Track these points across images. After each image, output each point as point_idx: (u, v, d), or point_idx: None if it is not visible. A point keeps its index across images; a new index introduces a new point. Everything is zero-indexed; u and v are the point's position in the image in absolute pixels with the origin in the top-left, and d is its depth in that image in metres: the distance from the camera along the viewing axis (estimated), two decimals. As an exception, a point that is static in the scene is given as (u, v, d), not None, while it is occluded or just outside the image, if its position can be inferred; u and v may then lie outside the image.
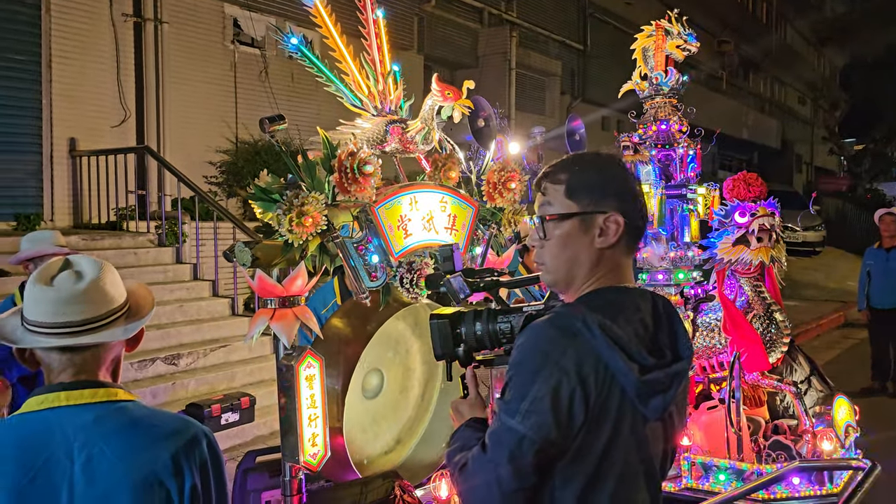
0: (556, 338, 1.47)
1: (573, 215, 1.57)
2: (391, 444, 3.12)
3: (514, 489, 1.45)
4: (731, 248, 4.08)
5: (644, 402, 1.48)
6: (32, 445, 1.47)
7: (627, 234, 1.59)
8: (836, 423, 4.09)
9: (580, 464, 1.47)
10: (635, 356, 1.46)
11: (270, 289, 2.47)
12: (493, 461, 1.46)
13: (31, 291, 1.56)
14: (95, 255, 4.18)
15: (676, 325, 1.58)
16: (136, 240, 7.91)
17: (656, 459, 1.58)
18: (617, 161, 1.68)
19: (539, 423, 1.43)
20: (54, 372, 1.56)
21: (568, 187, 1.59)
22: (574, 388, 1.43)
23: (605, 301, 1.53)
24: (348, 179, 2.54)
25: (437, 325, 1.74)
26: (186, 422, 1.61)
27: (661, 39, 4.51)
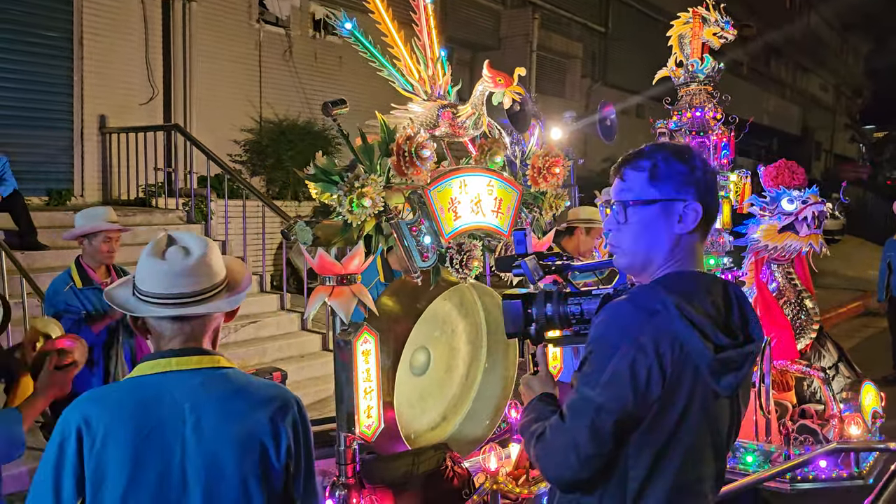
0: (636, 316, 1.56)
1: (656, 201, 1.64)
2: (437, 421, 3.22)
3: (591, 455, 1.55)
4: (776, 235, 4.09)
5: (717, 380, 1.56)
6: (147, 406, 1.60)
7: (704, 220, 1.67)
8: (864, 409, 4.17)
9: (653, 434, 1.56)
10: (710, 336, 1.54)
11: (330, 267, 2.56)
12: (572, 429, 1.56)
13: (145, 265, 1.68)
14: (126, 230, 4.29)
15: (746, 309, 1.66)
16: (167, 217, 8.04)
17: (723, 434, 1.65)
18: (697, 152, 1.75)
19: (617, 395, 1.52)
20: (164, 339, 1.69)
21: (651, 174, 1.66)
22: (651, 364, 1.52)
23: (680, 283, 1.61)
24: (406, 163, 2.61)
25: (509, 304, 1.84)
26: (280, 388, 1.75)
27: (699, 27, 4.53)
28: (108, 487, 1.55)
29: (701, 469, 1.62)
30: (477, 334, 3.41)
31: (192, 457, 1.60)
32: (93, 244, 3.85)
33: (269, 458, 1.65)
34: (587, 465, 1.56)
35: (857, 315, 11.99)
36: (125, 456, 1.56)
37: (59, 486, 1.55)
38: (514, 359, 3.39)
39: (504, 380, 3.38)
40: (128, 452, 1.56)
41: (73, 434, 1.56)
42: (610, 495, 1.60)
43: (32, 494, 1.58)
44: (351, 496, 2.61)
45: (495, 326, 3.42)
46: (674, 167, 1.66)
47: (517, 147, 3.33)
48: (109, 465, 1.55)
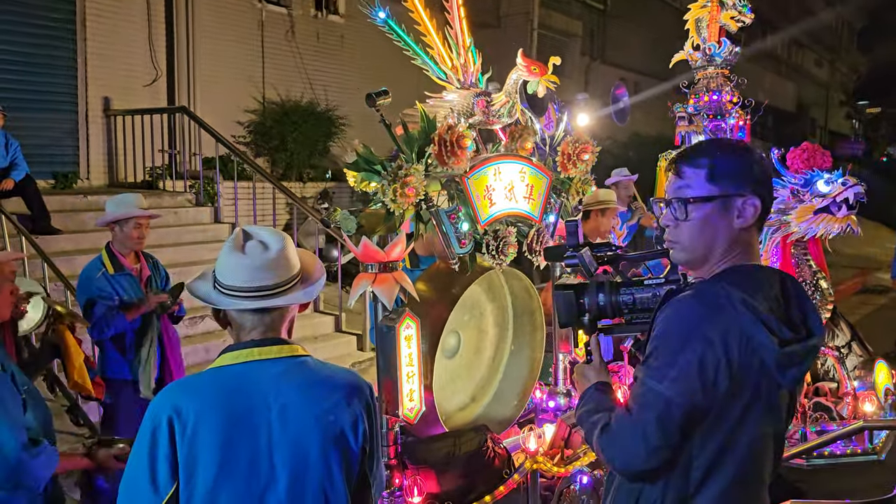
0: (703, 311, 1.60)
1: (716, 198, 1.67)
2: (466, 402, 3.31)
3: (659, 446, 1.59)
4: (812, 216, 4.11)
5: (782, 373, 1.60)
6: (234, 394, 1.68)
7: (761, 215, 1.70)
8: (877, 386, 4.27)
9: (718, 426, 1.60)
10: (776, 330, 1.58)
11: (373, 254, 2.62)
12: (640, 421, 1.61)
13: (226, 259, 1.74)
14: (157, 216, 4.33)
15: (805, 303, 1.69)
16: (175, 199, 8.05)
17: (783, 424, 1.71)
18: (752, 148, 1.78)
19: (686, 389, 1.57)
20: (245, 330, 1.75)
21: (710, 171, 1.68)
22: (719, 359, 1.56)
23: (743, 278, 1.64)
24: (448, 152, 2.66)
25: (562, 295, 1.88)
26: (354, 374, 1.84)
27: (716, 10, 4.57)
28: (201, 473, 1.62)
29: (762, 460, 1.67)
30: (504, 317, 3.48)
31: (278, 442, 1.67)
32: (124, 230, 3.88)
33: (349, 441, 1.74)
34: (655, 455, 1.60)
35: (855, 292, 12.12)
36: (216, 442, 1.62)
37: (155, 472, 1.61)
38: (542, 341, 3.47)
39: (531, 361, 3.46)
40: (218, 439, 1.63)
41: (165, 422, 1.62)
42: (673, 485, 1.64)
43: (126, 483, 1.64)
44: (394, 476, 2.70)
45: (521, 309, 3.49)
46: (732, 163, 1.69)
47: (544, 133, 3.38)
48: (201, 451, 1.62)
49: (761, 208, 1.69)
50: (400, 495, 2.65)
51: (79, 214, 7.03)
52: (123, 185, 8.78)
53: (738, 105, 4.59)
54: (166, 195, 8.16)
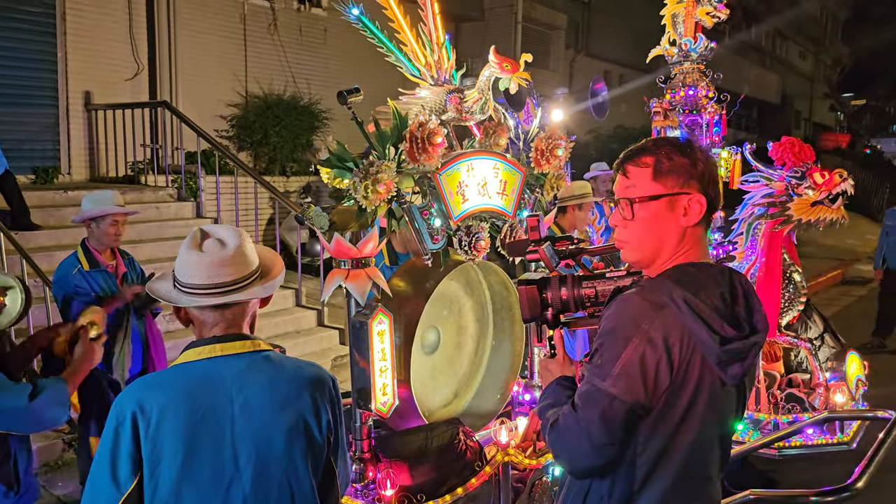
0: (646, 309, 1.62)
1: (661, 196, 1.69)
2: (449, 398, 3.33)
3: (604, 443, 1.62)
4: (810, 209, 4.20)
5: (724, 370, 1.62)
6: (197, 389, 1.70)
7: (707, 212, 1.71)
8: (848, 378, 4.35)
9: (662, 423, 1.63)
10: (717, 328, 1.60)
11: (346, 251, 2.64)
12: (585, 419, 1.63)
13: (185, 257, 1.77)
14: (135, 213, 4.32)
15: (752, 300, 1.69)
16: (157, 194, 8.03)
17: (729, 420, 1.73)
18: (697, 146, 1.77)
19: (629, 386, 1.59)
20: (207, 326, 1.78)
21: (655, 170, 1.70)
22: (661, 356, 1.58)
23: (688, 276, 1.66)
24: (419, 149, 2.68)
25: (525, 290, 1.89)
26: (317, 366, 1.87)
27: (692, 6, 4.61)
28: (165, 467, 1.64)
29: (707, 455, 1.69)
30: (483, 312, 3.51)
31: (241, 435, 1.70)
32: (100, 227, 3.89)
33: (313, 433, 1.77)
34: (600, 452, 1.63)
35: (834, 284, 12.26)
36: (179, 437, 1.65)
37: (116, 468, 1.63)
38: (521, 334, 3.50)
39: (512, 355, 3.49)
40: (182, 434, 1.65)
41: (129, 418, 1.65)
42: (620, 481, 1.67)
43: (91, 476, 1.66)
44: (367, 469, 2.73)
45: (500, 304, 3.52)
46: (676, 161, 1.70)
47: (519, 129, 3.41)
48: (165, 446, 1.64)
49: (707, 206, 1.70)
50: (373, 488, 2.68)
51: (59, 210, 7.01)
52: (105, 180, 8.74)
53: (713, 100, 4.64)
54: (148, 190, 8.14)
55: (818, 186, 4.12)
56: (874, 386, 5.66)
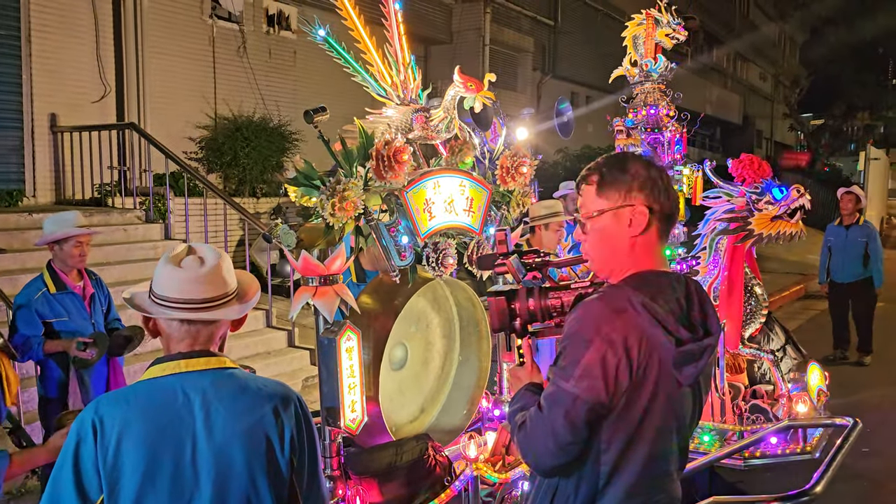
0: (606, 314, 1.71)
1: (605, 211, 1.80)
2: (416, 413, 3.35)
3: (569, 442, 1.70)
4: (770, 223, 4.31)
5: (679, 370, 1.72)
6: (160, 405, 1.70)
7: (658, 222, 1.80)
8: (809, 388, 4.45)
9: (624, 421, 1.71)
10: (672, 331, 1.70)
11: (313, 268, 2.66)
12: (550, 419, 1.71)
13: (162, 271, 1.78)
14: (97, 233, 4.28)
15: (706, 305, 1.81)
16: (124, 216, 7.95)
17: (686, 419, 1.82)
18: (641, 158, 1.88)
19: (591, 386, 1.67)
20: (174, 341, 1.78)
21: (598, 187, 1.82)
22: (620, 357, 1.67)
23: (646, 282, 1.75)
24: (385, 167, 2.73)
25: (494, 301, 1.95)
26: (283, 385, 1.87)
27: (652, 28, 4.74)
28: (125, 484, 1.63)
29: (666, 451, 1.78)
30: (450, 328, 3.55)
31: (202, 451, 1.69)
32: (64, 249, 3.85)
33: (275, 451, 1.76)
34: (565, 451, 1.71)
35: (798, 298, 12.50)
36: (140, 454, 1.64)
37: (81, 485, 1.62)
38: (488, 350, 3.54)
39: (478, 371, 3.52)
40: (142, 450, 1.65)
41: (89, 434, 1.64)
42: (585, 480, 1.75)
43: (50, 494, 1.64)
44: (337, 487, 2.73)
45: (467, 320, 3.56)
46: (616, 176, 1.80)
47: (484, 147, 3.47)
48: (125, 462, 1.64)
49: (651, 216, 1.78)
50: (343, 505, 2.69)
51: (23, 233, 6.91)
52: (71, 202, 8.63)
53: (674, 119, 4.76)
54: (115, 212, 8.06)
55: (777, 202, 4.25)
56: (835, 396, 5.79)
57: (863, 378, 7.51)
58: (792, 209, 4.28)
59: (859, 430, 3.71)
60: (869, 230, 8.15)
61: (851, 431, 3.46)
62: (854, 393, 6.76)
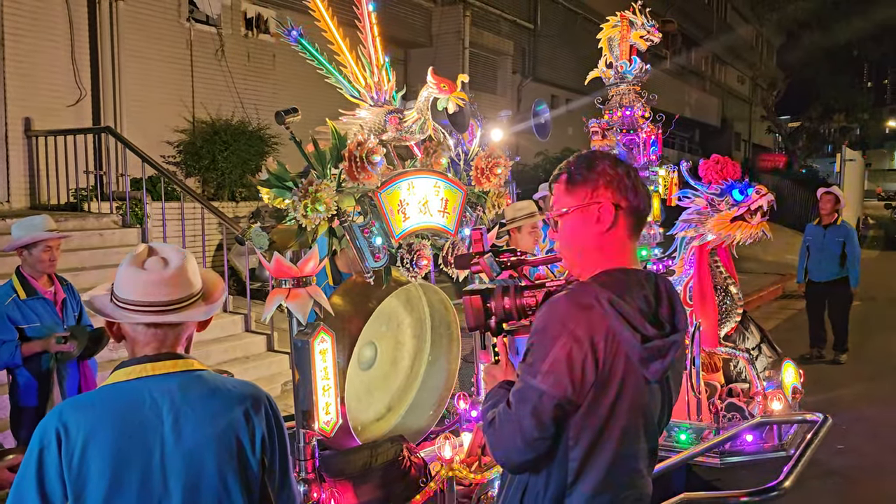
0: (572, 310, 1.71)
1: (574, 209, 1.81)
2: (382, 412, 3.34)
3: (536, 438, 1.71)
4: (729, 224, 4.33)
5: (646, 366, 1.72)
6: (126, 410, 1.67)
7: (626, 218, 1.81)
8: (784, 386, 4.50)
9: (591, 417, 1.71)
10: (639, 327, 1.70)
11: (286, 270, 2.65)
12: (517, 414, 1.72)
13: (124, 273, 1.75)
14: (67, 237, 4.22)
15: (675, 302, 1.82)
16: (101, 221, 7.87)
17: (655, 416, 1.82)
18: (609, 157, 1.87)
19: (556, 382, 1.68)
20: (139, 345, 1.75)
21: (566, 185, 1.84)
22: (586, 353, 1.67)
23: (614, 280, 1.76)
24: (358, 168, 2.72)
25: (470, 300, 1.94)
26: (252, 386, 1.85)
27: (626, 30, 4.78)
28: (91, 491, 1.60)
29: (635, 448, 1.78)
30: (422, 328, 3.55)
31: (171, 455, 1.67)
32: (33, 254, 3.79)
33: (246, 453, 1.74)
34: (532, 447, 1.71)
35: (776, 297, 12.63)
36: (106, 460, 1.61)
37: (44, 493, 1.59)
38: (457, 353, 3.55)
39: (447, 372, 3.53)
40: (109, 456, 1.62)
41: (53, 440, 1.61)
42: (555, 476, 1.75)
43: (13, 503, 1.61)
44: (312, 490, 2.71)
45: (439, 322, 3.56)
46: (582, 174, 1.82)
47: (460, 148, 3.48)
48: (91, 469, 1.60)
49: (618, 213, 1.79)
50: (318, 508, 2.67)
51: (-2, 239, 6.81)
52: (47, 207, 8.52)
53: (649, 120, 4.80)
54: (91, 217, 7.97)
55: (737, 203, 4.28)
56: (811, 394, 5.86)
57: (838, 376, 7.60)
58: (753, 210, 4.31)
59: (829, 426, 3.75)
60: (846, 230, 8.21)
61: (821, 427, 3.49)
62: (830, 391, 6.84)
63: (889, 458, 5.37)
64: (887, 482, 5.00)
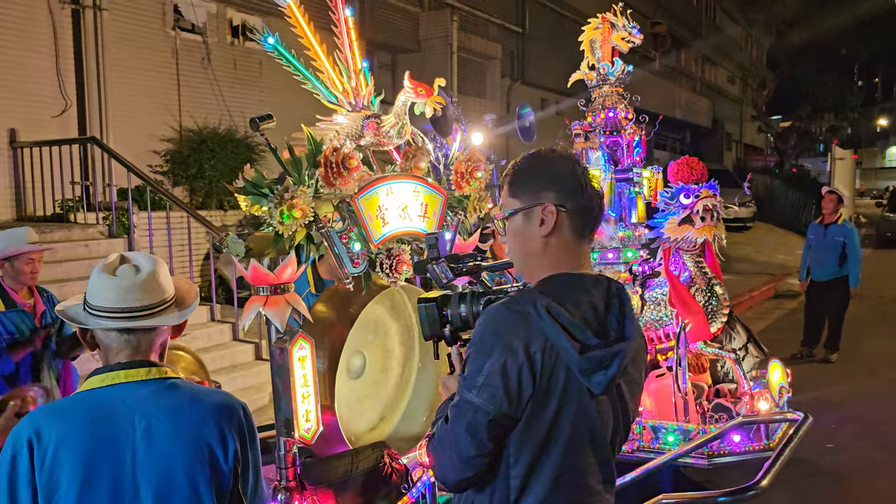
0: (508, 319, 1.62)
1: (517, 211, 1.74)
2: (375, 422, 3.32)
3: (472, 455, 1.61)
4: (677, 227, 4.37)
5: (587, 378, 1.61)
6: (98, 417, 1.67)
7: (572, 220, 1.71)
8: (771, 385, 4.49)
9: (531, 432, 1.62)
10: (578, 336, 1.59)
11: (263, 277, 2.63)
12: (454, 431, 1.63)
13: (96, 281, 1.76)
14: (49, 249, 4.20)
15: (626, 309, 1.70)
16: (86, 231, 7.83)
17: (606, 429, 1.70)
18: (553, 156, 1.77)
19: (492, 396, 1.59)
20: (112, 351, 1.75)
21: (511, 187, 1.76)
22: (522, 365, 1.58)
23: (557, 286, 1.67)
24: (333, 174, 2.71)
25: (424, 308, 1.87)
26: (226, 395, 1.85)
27: (608, 32, 4.78)
28: (61, 498, 1.60)
29: (583, 463, 1.67)
30: (409, 335, 3.52)
31: (142, 463, 1.66)
32: (14, 266, 3.76)
33: (218, 462, 1.73)
34: (469, 464, 1.62)
35: (768, 298, 12.65)
36: (77, 467, 1.61)
37: (15, 499, 1.59)
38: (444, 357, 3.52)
39: (436, 377, 3.50)
40: (80, 463, 1.61)
41: (25, 447, 1.61)
42: (498, 493, 1.66)
43: None
44: (293, 498, 2.69)
45: (426, 326, 3.54)
46: (526, 176, 1.74)
47: (440, 152, 3.46)
48: (62, 476, 1.60)
49: (562, 215, 1.70)
50: (298, 517, 2.65)
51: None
52: (32, 218, 8.48)
53: (632, 121, 4.81)
54: (76, 228, 7.93)
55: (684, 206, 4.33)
56: (801, 393, 5.86)
57: (829, 375, 7.61)
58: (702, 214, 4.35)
59: (810, 424, 3.75)
60: (847, 230, 8.17)
61: (802, 425, 3.48)
62: (819, 390, 6.84)
63: (878, 457, 5.37)
64: (876, 480, 5.00)
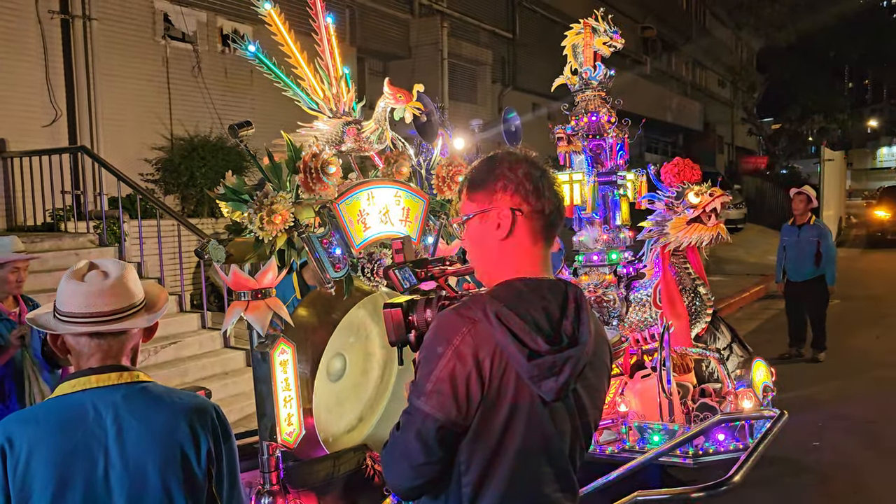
0: (457, 324, 1.60)
1: (472, 215, 1.71)
2: (353, 423, 3.34)
3: (422, 463, 1.59)
4: (685, 227, 4.37)
5: (537, 384, 1.57)
6: (70, 423, 1.69)
7: (529, 223, 1.68)
8: (755, 384, 4.53)
9: (482, 440, 1.59)
10: (528, 342, 1.56)
11: (244, 282, 2.66)
12: (404, 438, 1.61)
13: (64, 287, 1.79)
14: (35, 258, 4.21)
15: (582, 314, 1.66)
16: (77, 241, 7.84)
17: (563, 436, 1.67)
18: (510, 158, 1.73)
19: (440, 403, 1.56)
20: (83, 356, 1.78)
21: (468, 190, 1.74)
22: (470, 371, 1.55)
23: (511, 291, 1.64)
24: (313, 179, 2.74)
25: (390, 313, 1.85)
26: (198, 397, 1.87)
27: (590, 37, 4.83)
28: (35, 502, 1.62)
29: (537, 472, 1.65)
30: (392, 339, 3.55)
31: (115, 466, 1.69)
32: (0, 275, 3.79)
33: (191, 464, 1.76)
34: (419, 473, 1.60)
35: (758, 298, 12.71)
36: (50, 471, 1.63)
37: None
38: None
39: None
40: (52, 468, 1.64)
41: None
42: (451, 501, 1.63)
43: None
44: (276, 502, 2.71)
45: (409, 329, 3.57)
46: (482, 178, 1.72)
47: (422, 157, 3.50)
48: (35, 481, 1.63)
49: (518, 218, 1.68)
50: (281, 520, 2.67)
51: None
52: (23, 228, 8.49)
53: (614, 124, 4.85)
54: (67, 237, 7.94)
55: (693, 206, 4.34)
56: (788, 391, 5.91)
57: (816, 374, 7.66)
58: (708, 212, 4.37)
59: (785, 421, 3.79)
60: (821, 229, 8.29)
61: (777, 422, 3.52)
62: (806, 388, 6.89)
63: (864, 455, 5.41)
64: (862, 478, 5.04)
